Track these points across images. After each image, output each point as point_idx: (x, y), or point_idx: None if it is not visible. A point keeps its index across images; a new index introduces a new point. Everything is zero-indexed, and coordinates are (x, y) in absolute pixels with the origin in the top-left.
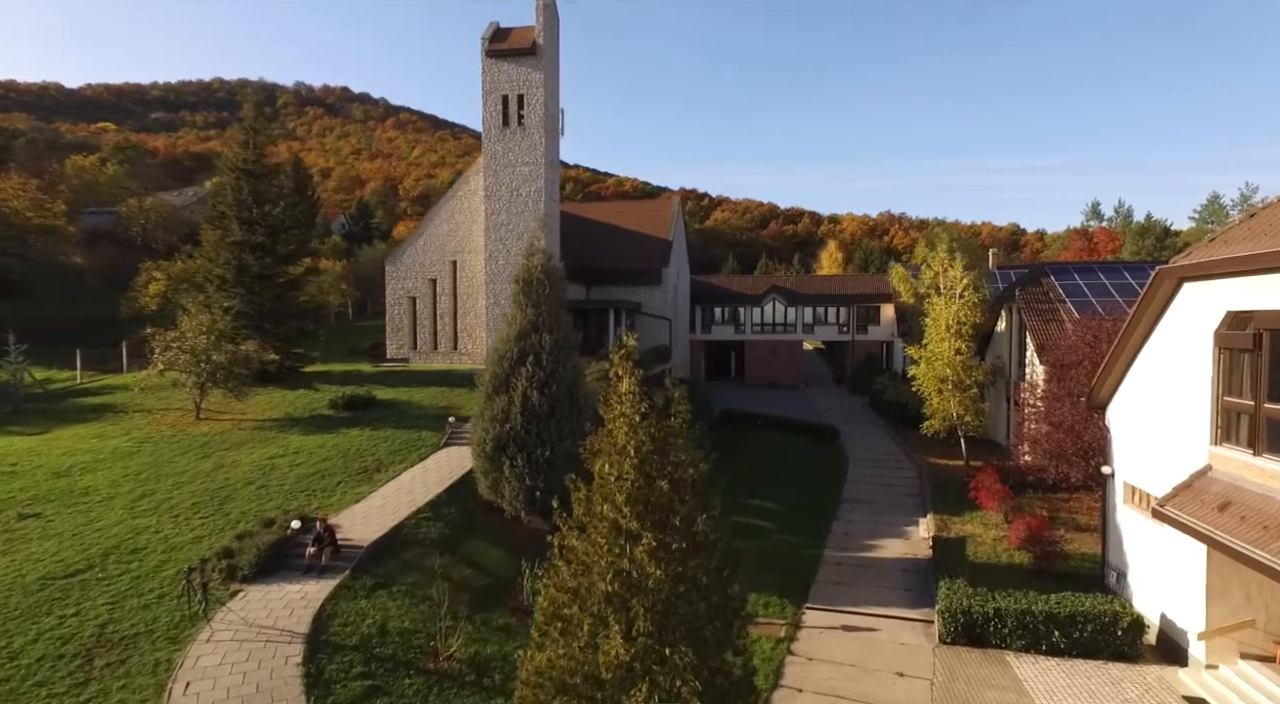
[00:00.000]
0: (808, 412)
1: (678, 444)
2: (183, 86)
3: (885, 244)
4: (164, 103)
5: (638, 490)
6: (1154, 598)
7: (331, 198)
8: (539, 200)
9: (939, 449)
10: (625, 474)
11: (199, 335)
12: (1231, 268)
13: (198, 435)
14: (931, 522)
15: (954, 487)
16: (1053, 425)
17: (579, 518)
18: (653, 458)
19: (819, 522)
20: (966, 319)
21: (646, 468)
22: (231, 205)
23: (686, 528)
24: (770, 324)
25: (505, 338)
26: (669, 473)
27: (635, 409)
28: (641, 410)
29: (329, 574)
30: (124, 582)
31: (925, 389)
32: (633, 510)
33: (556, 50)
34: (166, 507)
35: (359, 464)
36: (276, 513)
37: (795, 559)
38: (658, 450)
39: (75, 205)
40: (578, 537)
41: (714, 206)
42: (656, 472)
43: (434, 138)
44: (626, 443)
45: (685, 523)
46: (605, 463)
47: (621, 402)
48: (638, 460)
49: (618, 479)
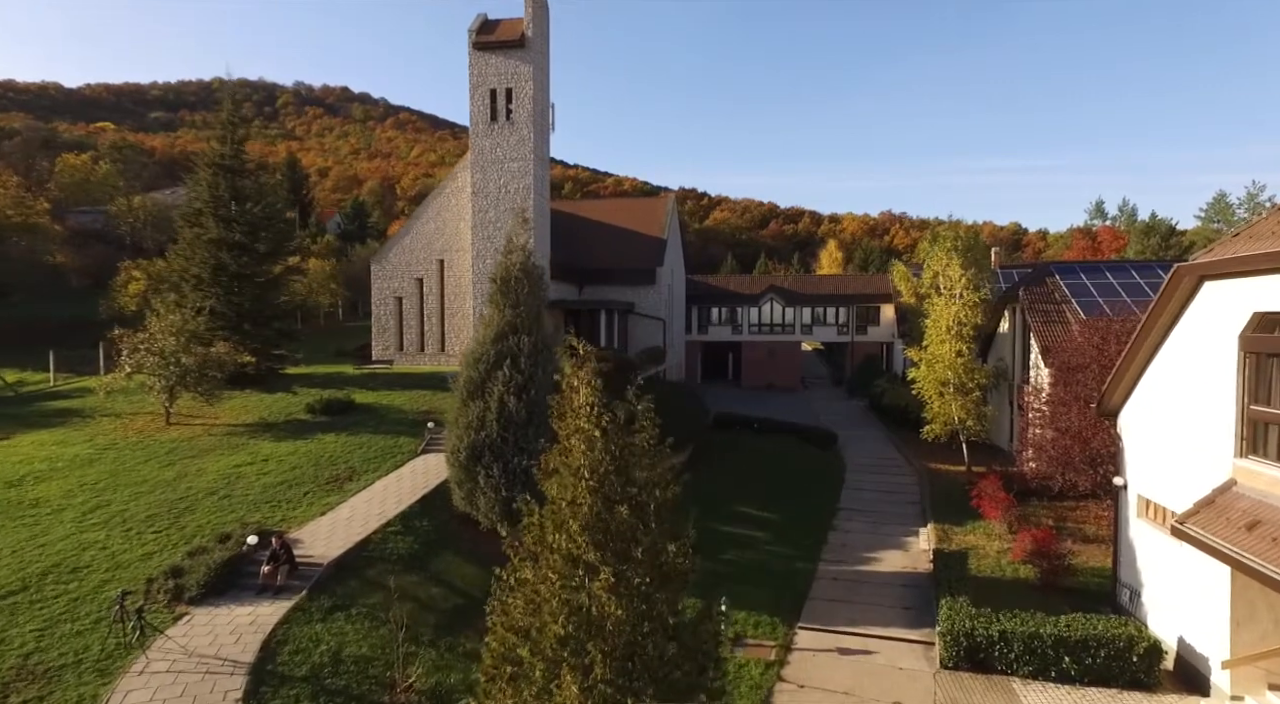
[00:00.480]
0: (805, 415)
1: (643, 463)
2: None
3: (886, 244)
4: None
5: (595, 517)
6: (1172, 620)
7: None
8: (528, 197)
9: (940, 454)
10: (580, 498)
11: (168, 337)
12: (1259, 265)
13: (165, 442)
14: (932, 532)
15: (955, 494)
16: (1059, 431)
17: (529, 547)
18: (613, 479)
19: (814, 532)
20: (968, 320)
21: (606, 490)
22: (208, 202)
23: (652, 559)
24: (768, 325)
25: (482, 340)
26: (632, 496)
27: (594, 423)
28: (602, 424)
29: (284, 595)
30: (59, 605)
31: (926, 392)
32: (590, 540)
33: (546, 43)
34: (119, 520)
35: (330, 473)
36: (235, 527)
37: (788, 573)
38: (619, 470)
39: (66, 204)
40: (531, 568)
41: (713, 206)
42: (618, 495)
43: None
44: (582, 463)
45: (651, 553)
46: (559, 484)
47: (578, 415)
48: (595, 483)
49: (571, 504)
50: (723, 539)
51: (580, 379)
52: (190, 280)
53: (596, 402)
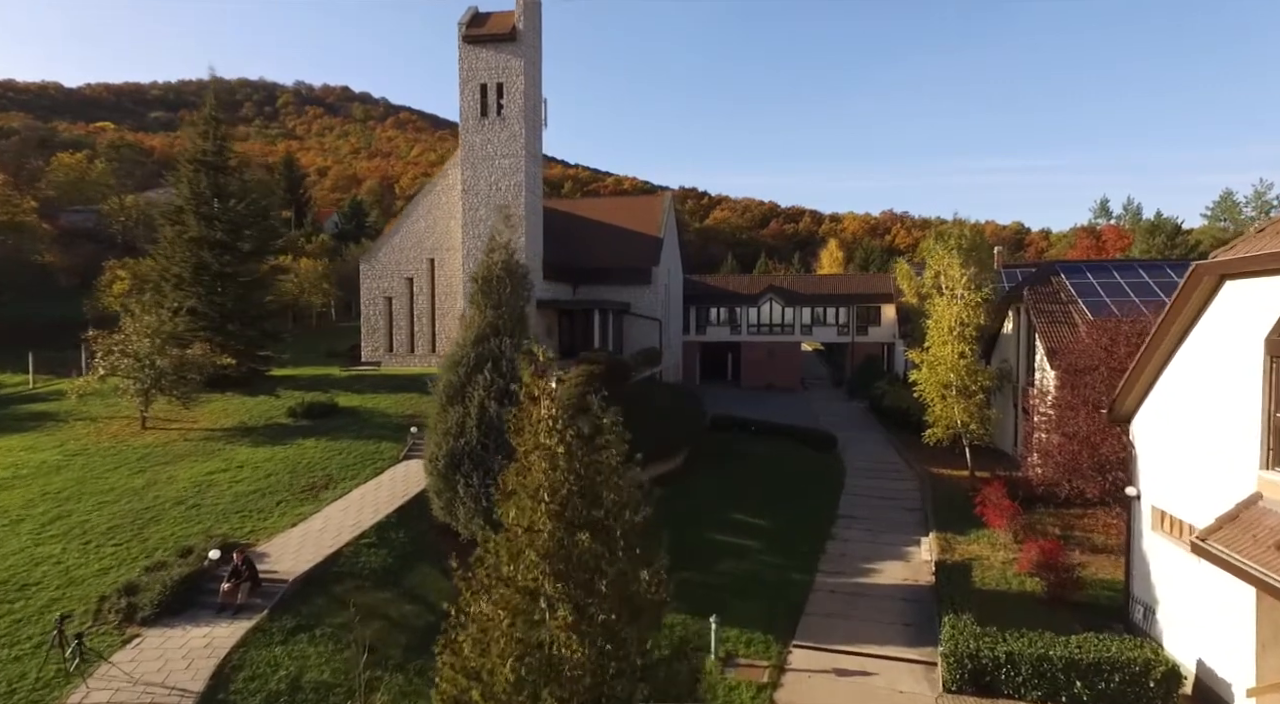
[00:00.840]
0: (805, 416)
1: (611, 482)
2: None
3: (887, 243)
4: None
5: (556, 544)
6: (1190, 641)
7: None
8: (519, 194)
9: (942, 458)
10: (539, 524)
11: (142, 338)
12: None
13: (138, 447)
14: (934, 542)
15: (958, 500)
16: (1066, 436)
17: (482, 579)
18: (576, 502)
19: (812, 540)
20: (970, 320)
21: (568, 515)
22: (189, 199)
23: (620, 590)
24: (767, 325)
25: (462, 342)
26: (598, 520)
27: (557, 439)
28: (567, 439)
29: (244, 614)
30: (0, 626)
31: (927, 395)
32: (549, 570)
33: (538, 37)
34: (79, 531)
35: (306, 480)
36: (200, 539)
37: (784, 586)
38: (584, 492)
39: (59, 203)
40: (487, 600)
41: (713, 205)
42: (581, 519)
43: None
44: (542, 483)
45: (618, 584)
46: (517, 507)
47: (537, 430)
48: (556, 506)
49: (529, 531)
50: (716, 548)
51: (541, 389)
52: (171, 280)
53: (560, 415)
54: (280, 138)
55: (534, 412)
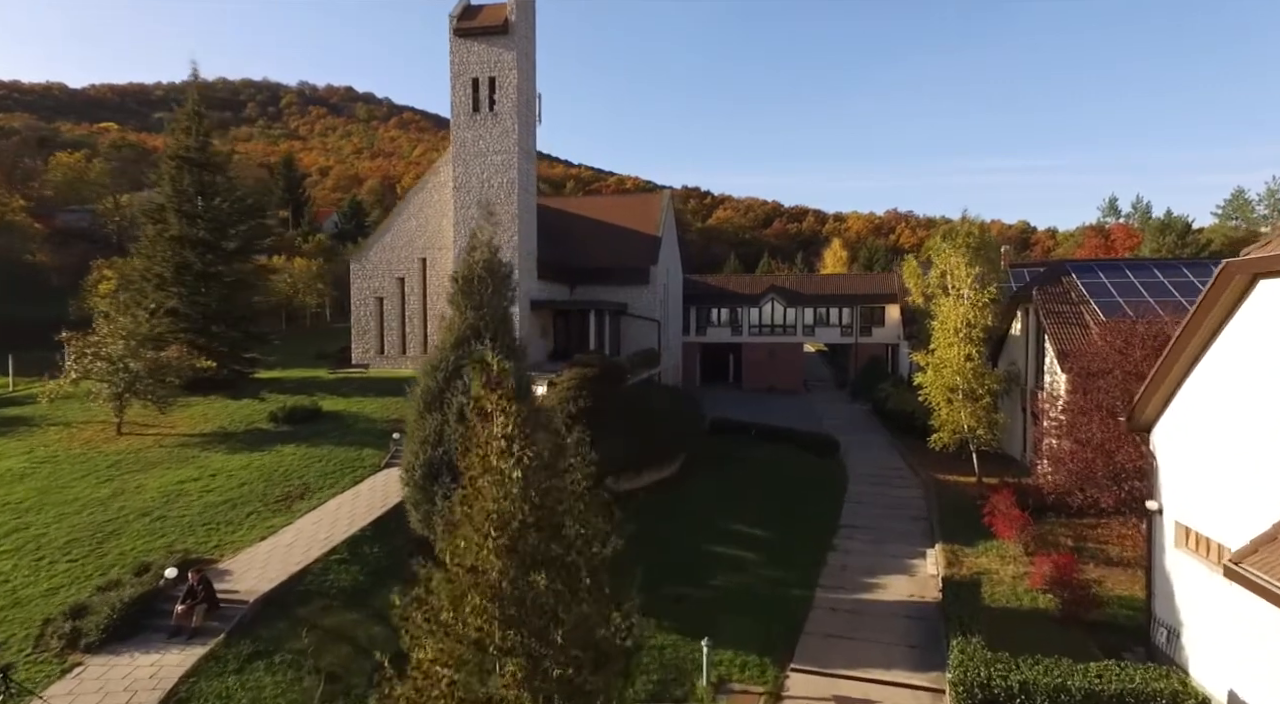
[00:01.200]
0: (807, 419)
1: (576, 511)
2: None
3: (891, 243)
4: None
5: (510, 586)
6: (1220, 670)
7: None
8: (512, 192)
9: (948, 464)
10: (486, 563)
11: (116, 341)
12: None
13: (110, 454)
14: (941, 554)
15: (966, 509)
16: (1078, 443)
17: (420, 624)
18: (532, 536)
19: (812, 552)
20: (977, 321)
21: (522, 551)
22: (171, 197)
23: (582, 638)
24: (769, 326)
25: (441, 345)
26: (558, 558)
27: (512, 462)
28: (524, 461)
29: (199, 639)
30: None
31: (933, 398)
32: (499, 615)
33: (532, 30)
34: (34, 546)
35: (281, 490)
36: (161, 555)
37: (782, 602)
38: (541, 523)
39: (57, 203)
40: (432, 645)
41: (716, 205)
42: (539, 556)
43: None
44: (491, 510)
45: (579, 631)
46: (463, 542)
47: (488, 451)
48: (507, 541)
49: (474, 571)
50: (712, 561)
51: (494, 403)
52: (152, 279)
53: (516, 433)
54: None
55: (485, 430)
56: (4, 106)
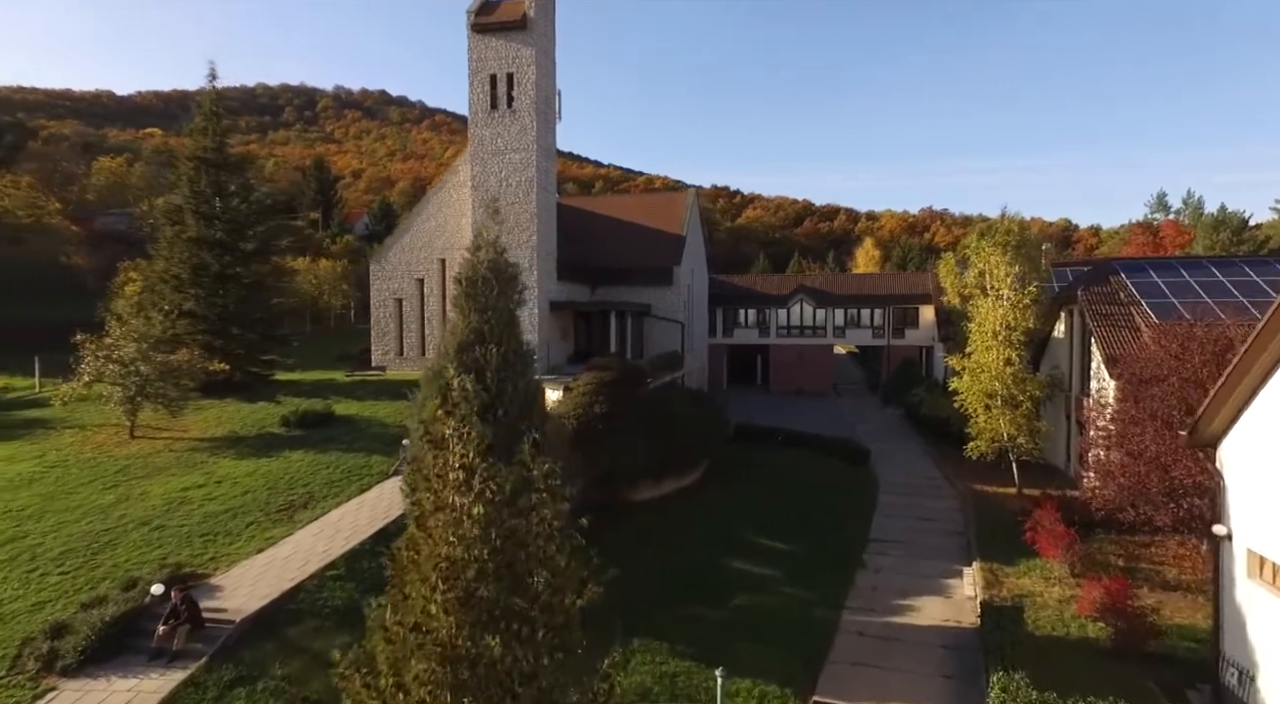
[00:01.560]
0: (836, 424)
1: (546, 554)
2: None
3: (926, 241)
4: None
5: (463, 648)
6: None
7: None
8: (530, 190)
9: (986, 473)
10: (433, 622)
11: (128, 343)
12: None
13: (120, 459)
14: (978, 573)
15: (1005, 523)
16: (1130, 455)
17: (357, 692)
18: (489, 587)
19: (840, 569)
20: (1017, 324)
21: (476, 606)
22: (188, 198)
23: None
24: (798, 327)
25: (445, 351)
26: (520, 612)
27: (472, 497)
28: (487, 496)
29: (180, 662)
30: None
31: (970, 405)
32: (449, 682)
33: (551, 25)
34: (28, 557)
35: (284, 498)
36: (153, 568)
37: (806, 625)
38: (501, 573)
39: (99, 207)
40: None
41: (746, 204)
42: (496, 611)
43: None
44: (434, 568)
45: (544, 700)
46: (412, 586)
47: (442, 485)
48: (459, 595)
49: (418, 629)
50: (731, 579)
51: (449, 427)
52: (170, 281)
53: (478, 463)
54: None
55: (439, 460)
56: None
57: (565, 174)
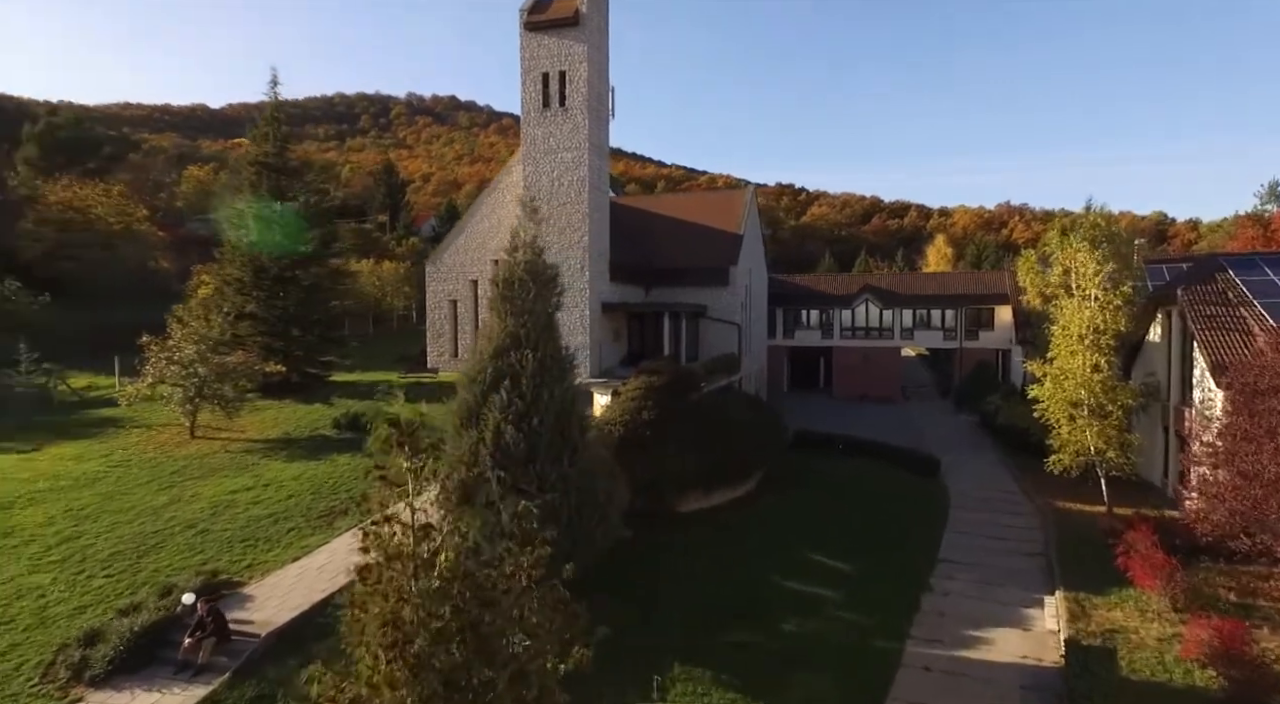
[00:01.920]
0: (903, 432)
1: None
2: (309, 102)
3: (1003, 238)
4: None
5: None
6: None
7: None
8: (582, 190)
9: (1069, 489)
10: (377, 698)
11: (188, 345)
12: None
13: (178, 459)
14: (1062, 603)
15: (1092, 545)
16: (1242, 475)
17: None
18: (450, 655)
19: (903, 593)
20: (1107, 326)
21: (427, 678)
22: (250, 202)
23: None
24: (863, 328)
25: (480, 354)
26: (487, 683)
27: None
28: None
29: (204, 676)
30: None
31: (1052, 414)
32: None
33: (605, 21)
34: (78, 558)
35: (327, 504)
36: (189, 576)
37: (864, 656)
38: (465, 636)
39: (189, 214)
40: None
41: (810, 201)
42: (461, 683)
43: None
44: (381, 628)
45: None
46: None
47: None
48: (409, 664)
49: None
50: (784, 600)
51: (410, 464)
52: (233, 283)
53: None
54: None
55: (391, 504)
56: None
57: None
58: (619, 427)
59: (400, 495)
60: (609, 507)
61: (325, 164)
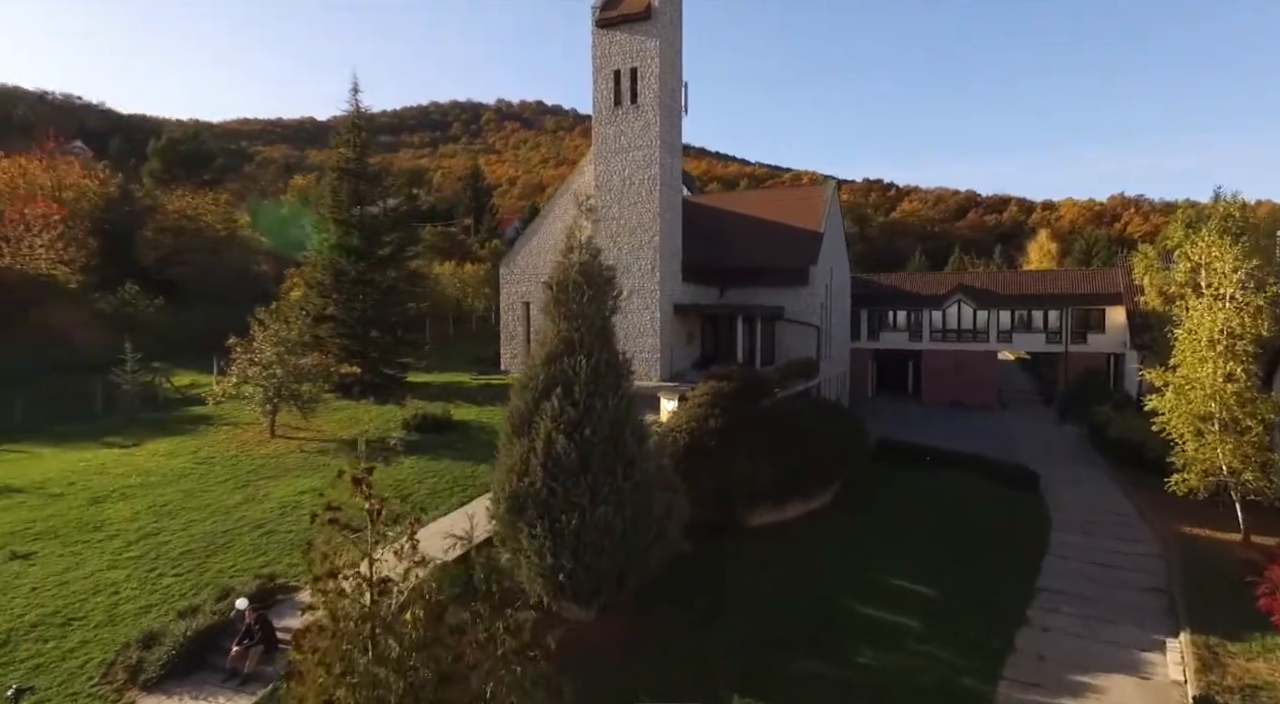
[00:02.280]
0: (999, 443)
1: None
2: (405, 111)
3: (1116, 233)
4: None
5: None
6: None
7: (515, 204)
8: (654, 189)
9: (1196, 512)
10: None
11: (268, 347)
12: None
13: (257, 458)
14: (1189, 648)
15: (1225, 578)
16: None
17: None
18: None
19: (996, 627)
20: (1245, 331)
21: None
22: (330, 207)
23: None
24: (955, 331)
25: (532, 361)
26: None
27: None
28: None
29: (250, 685)
30: (17, 674)
31: (1175, 428)
32: None
33: (678, 15)
34: (154, 555)
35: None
36: (249, 577)
37: (948, 698)
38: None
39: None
40: None
41: (901, 197)
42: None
43: None
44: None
45: None
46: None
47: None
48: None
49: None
50: (858, 626)
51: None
52: (316, 286)
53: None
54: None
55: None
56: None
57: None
58: (684, 434)
59: (357, 543)
60: (666, 521)
61: (417, 170)
